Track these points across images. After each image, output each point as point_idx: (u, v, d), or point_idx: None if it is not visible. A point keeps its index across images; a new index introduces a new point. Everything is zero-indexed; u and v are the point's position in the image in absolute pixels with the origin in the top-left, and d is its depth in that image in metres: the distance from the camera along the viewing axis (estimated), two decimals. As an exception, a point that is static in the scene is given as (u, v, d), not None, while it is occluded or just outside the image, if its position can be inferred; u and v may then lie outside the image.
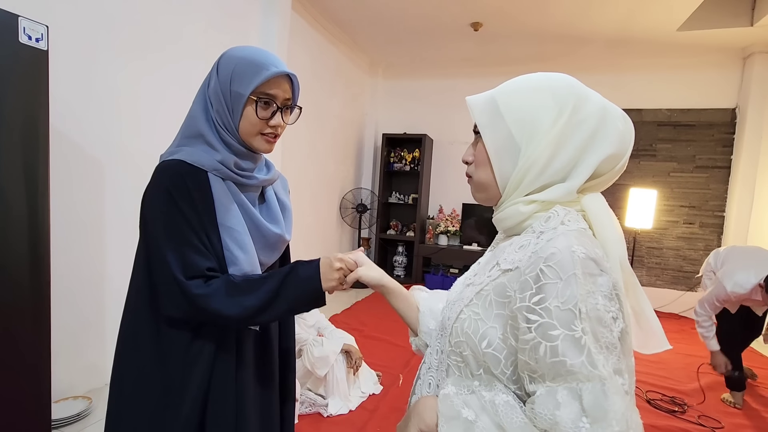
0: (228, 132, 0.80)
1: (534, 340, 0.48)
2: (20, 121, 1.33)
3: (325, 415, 2.00)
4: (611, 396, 0.44)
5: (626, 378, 0.47)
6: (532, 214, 0.57)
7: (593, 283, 0.48)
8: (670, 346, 0.58)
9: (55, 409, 1.63)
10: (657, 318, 0.58)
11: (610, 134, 0.56)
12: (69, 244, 1.91)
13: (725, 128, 4.26)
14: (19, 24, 1.29)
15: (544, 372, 0.48)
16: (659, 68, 4.37)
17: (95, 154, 2.01)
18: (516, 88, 0.59)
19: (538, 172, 0.56)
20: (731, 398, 2.42)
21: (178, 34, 2.40)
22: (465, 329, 0.57)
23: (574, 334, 0.46)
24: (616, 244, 0.54)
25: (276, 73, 0.78)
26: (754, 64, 3.97)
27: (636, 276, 0.57)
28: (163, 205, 0.75)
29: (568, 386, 0.46)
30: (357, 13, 3.75)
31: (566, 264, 0.48)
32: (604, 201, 0.58)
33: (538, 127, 0.56)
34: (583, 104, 0.57)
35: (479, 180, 0.62)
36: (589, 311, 0.47)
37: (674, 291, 4.47)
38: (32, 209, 1.37)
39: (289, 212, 0.93)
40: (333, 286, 0.79)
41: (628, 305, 0.52)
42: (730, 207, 4.22)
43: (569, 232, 0.52)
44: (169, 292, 0.74)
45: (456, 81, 5.04)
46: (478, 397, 0.53)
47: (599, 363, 0.45)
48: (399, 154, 5.11)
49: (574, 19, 3.59)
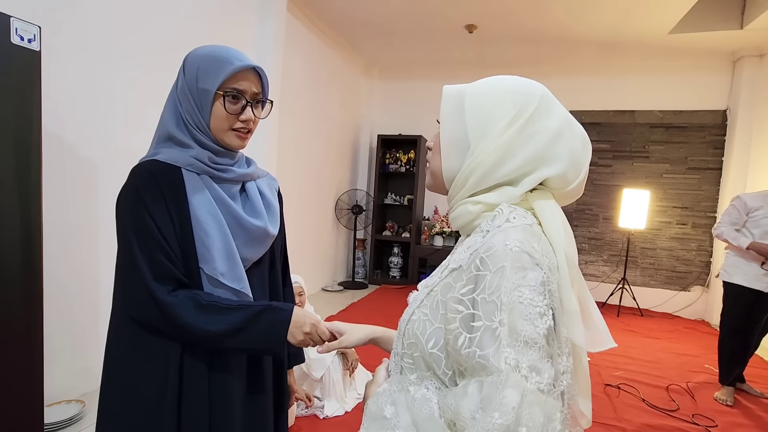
0: (199, 130, 0.79)
1: (456, 330, 0.49)
2: (12, 123, 1.31)
3: (321, 417, 2.00)
4: (505, 389, 0.42)
5: (545, 377, 0.44)
6: (480, 213, 0.57)
7: (522, 276, 0.48)
8: (615, 344, 0.58)
9: (47, 412, 1.61)
10: (601, 315, 0.58)
11: (562, 154, 0.55)
12: (62, 247, 1.89)
13: (716, 130, 4.32)
14: (11, 24, 1.28)
15: (465, 365, 0.48)
16: (652, 71, 4.42)
17: (89, 155, 1.99)
18: (484, 88, 0.59)
19: (482, 175, 0.56)
20: (723, 396, 2.45)
21: (171, 35, 2.39)
22: (414, 330, 0.57)
23: (492, 325, 0.46)
24: (562, 239, 0.53)
25: (240, 66, 0.78)
26: (744, 66, 4.03)
27: (581, 271, 0.57)
28: (132, 207, 0.74)
29: (479, 379, 0.45)
30: (352, 15, 3.76)
31: (498, 256, 0.49)
32: (552, 199, 0.57)
33: (491, 129, 0.56)
34: (542, 116, 0.56)
35: (432, 167, 0.63)
36: (512, 302, 0.46)
37: (668, 291, 4.50)
38: (25, 211, 1.35)
39: (274, 209, 0.91)
40: (294, 343, 0.78)
41: (575, 303, 0.51)
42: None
43: (513, 228, 0.52)
44: (136, 295, 0.74)
45: (451, 83, 4.92)
46: (405, 393, 0.54)
47: (503, 356, 0.44)
48: (394, 155, 5.11)
49: (568, 23, 3.63)
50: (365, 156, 5.36)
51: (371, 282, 5.04)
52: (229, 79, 0.78)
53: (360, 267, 5.14)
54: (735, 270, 2.45)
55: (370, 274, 5.10)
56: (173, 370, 0.76)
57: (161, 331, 0.75)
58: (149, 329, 0.76)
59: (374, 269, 5.14)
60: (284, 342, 0.77)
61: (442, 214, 5.13)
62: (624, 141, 4.59)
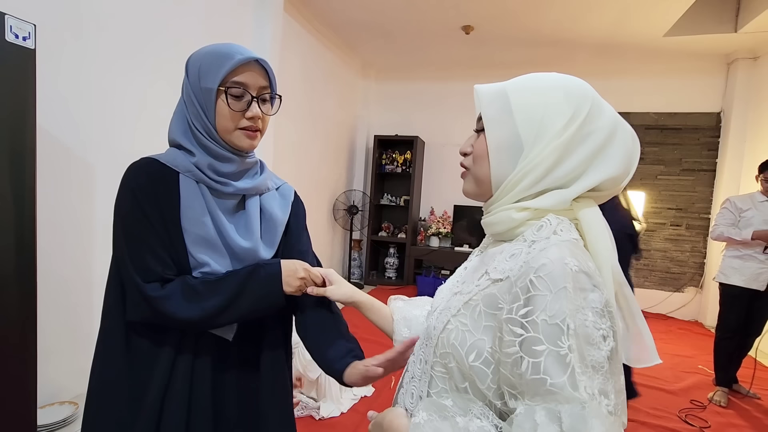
0: (206, 134, 0.76)
1: (516, 354, 0.46)
2: (7, 121, 1.30)
3: (317, 418, 1.99)
4: (590, 420, 0.41)
5: (612, 399, 0.44)
6: (524, 221, 0.54)
7: (584, 298, 0.46)
8: (660, 360, 0.56)
9: (40, 414, 1.60)
10: (649, 331, 0.55)
11: (618, 151, 0.53)
12: (57, 247, 1.88)
13: (710, 132, 4.35)
14: (5, 22, 1.27)
15: (523, 389, 0.45)
16: (647, 73, 4.45)
17: (84, 154, 1.98)
18: (531, 86, 0.55)
19: (537, 177, 0.53)
20: (717, 397, 2.46)
21: (167, 34, 2.38)
22: (452, 341, 0.54)
23: (560, 351, 0.43)
24: (609, 255, 0.51)
25: (242, 60, 0.74)
26: (738, 69, 4.07)
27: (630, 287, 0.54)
28: (126, 205, 0.73)
29: (547, 407, 0.43)
30: (349, 15, 3.76)
31: (557, 276, 0.46)
32: (598, 211, 0.55)
33: (548, 129, 0.52)
34: (597, 114, 0.54)
35: (478, 174, 0.58)
36: (578, 328, 0.44)
37: (662, 292, 4.53)
38: (19, 210, 1.34)
39: (275, 227, 0.85)
40: (291, 292, 0.77)
41: (620, 321, 0.50)
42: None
43: (562, 242, 0.49)
44: (130, 294, 0.73)
45: (447, 83, 5.07)
46: (451, 424, 0.49)
47: (581, 384, 0.43)
48: (391, 155, 5.11)
49: (564, 25, 3.64)
50: (362, 156, 5.36)
51: (367, 283, 5.03)
52: (230, 73, 0.74)
53: (356, 268, 5.13)
54: (732, 271, 2.49)
55: (366, 274, 5.10)
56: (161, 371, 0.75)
57: (160, 328, 0.75)
58: (143, 329, 0.75)
59: (370, 270, 5.14)
60: (282, 293, 0.76)
61: (438, 215, 5.14)
62: (619, 143, 4.61)
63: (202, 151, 0.77)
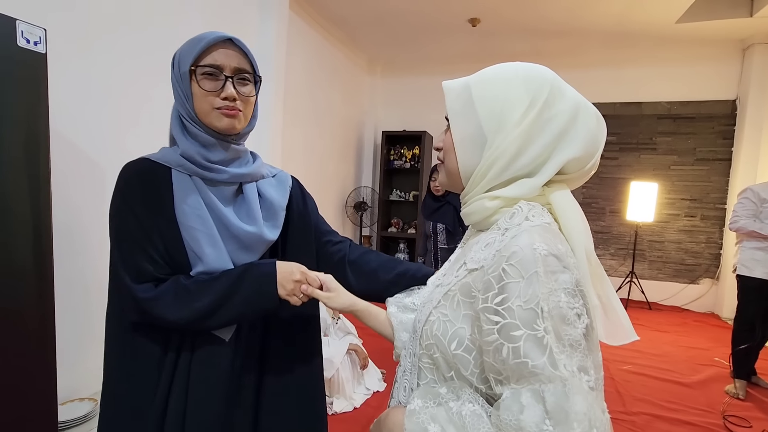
0: (189, 119, 0.76)
1: (497, 342, 0.48)
2: (21, 126, 1.33)
3: (330, 413, 2.01)
4: (572, 396, 0.43)
5: (592, 374, 0.46)
6: (497, 209, 0.56)
7: (555, 280, 0.47)
8: (637, 337, 0.58)
9: (61, 411, 1.64)
10: (624, 309, 0.57)
11: (581, 133, 0.54)
12: (72, 248, 1.91)
13: (725, 120, 4.25)
14: (17, 27, 1.29)
15: (508, 374, 0.47)
16: (658, 61, 4.36)
17: (97, 156, 2.01)
18: (491, 77, 0.57)
19: (503, 167, 0.55)
20: (735, 389, 2.43)
21: (174, 34, 2.39)
22: (434, 332, 0.56)
23: (537, 334, 0.45)
24: (582, 236, 0.53)
25: (212, 40, 0.74)
26: (754, 55, 3.96)
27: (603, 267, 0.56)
28: (117, 207, 0.74)
29: (532, 388, 0.45)
30: (355, 11, 3.74)
31: (528, 262, 0.47)
32: (569, 194, 0.56)
33: (508, 119, 0.54)
34: (556, 99, 0.55)
35: (448, 167, 0.61)
36: (552, 309, 0.46)
37: (676, 284, 4.46)
38: (35, 213, 1.37)
39: (276, 211, 0.84)
40: (284, 294, 0.74)
41: (595, 298, 0.52)
42: (731, 199, 4.21)
43: (533, 228, 0.51)
44: (124, 296, 0.74)
45: (454, 77, 4.90)
46: (446, 409, 0.52)
47: (560, 363, 0.45)
48: (399, 151, 5.10)
49: (572, 14, 3.58)
50: (369, 152, 5.35)
51: (377, 278, 5.04)
52: (202, 54, 0.74)
53: (366, 263, 5.14)
54: (755, 263, 2.42)
55: (377, 270, 5.11)
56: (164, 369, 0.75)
57: (154, 328, 0.75)
58: (139, 328, 0.76)
59: (380, 266, 5.14)
60: (276, 296, 0.73)
61: (447, 209, 5.11)
62: (631, 133, 4.53)
63: (191, 140, 0.77)
